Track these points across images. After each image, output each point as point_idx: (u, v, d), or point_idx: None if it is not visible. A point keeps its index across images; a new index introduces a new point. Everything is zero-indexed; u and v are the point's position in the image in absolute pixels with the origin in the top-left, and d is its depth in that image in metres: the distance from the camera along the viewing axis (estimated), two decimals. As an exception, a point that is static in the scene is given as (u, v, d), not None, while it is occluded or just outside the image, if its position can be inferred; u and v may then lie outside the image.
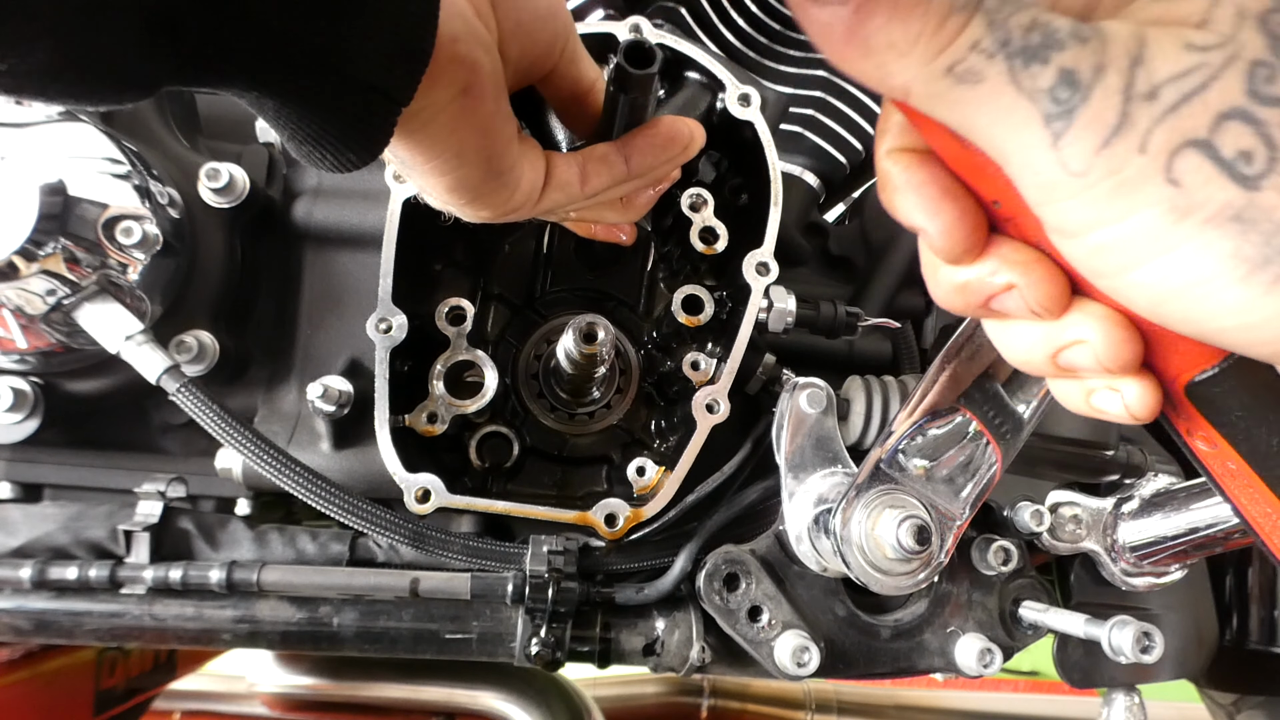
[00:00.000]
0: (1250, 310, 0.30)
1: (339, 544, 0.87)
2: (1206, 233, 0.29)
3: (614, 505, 0.83)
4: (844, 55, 0.33)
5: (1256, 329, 0.30)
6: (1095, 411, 0.39)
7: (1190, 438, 0.40)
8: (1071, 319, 0.36)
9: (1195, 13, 0.30)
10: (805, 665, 0.77)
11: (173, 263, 0.85)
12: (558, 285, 0.96)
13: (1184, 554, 0.88)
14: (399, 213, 0.81)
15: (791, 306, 0.87)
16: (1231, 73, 0.29)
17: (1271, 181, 0.28)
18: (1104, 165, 0.30)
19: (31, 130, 0.77)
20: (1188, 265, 0.30)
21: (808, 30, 0.33)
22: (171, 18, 0.38)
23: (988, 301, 0.38)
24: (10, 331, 0.79)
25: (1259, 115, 0.28)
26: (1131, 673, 0.95)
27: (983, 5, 0.30)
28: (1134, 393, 0.37)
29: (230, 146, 0.97)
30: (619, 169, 0.60)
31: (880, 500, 0.66)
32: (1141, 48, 0.30)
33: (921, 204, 0.37)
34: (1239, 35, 0.29)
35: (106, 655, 1.26)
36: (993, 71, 0.30)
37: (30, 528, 0.83)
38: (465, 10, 0.49)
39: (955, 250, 0.37)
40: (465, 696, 1.67)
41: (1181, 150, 0.29)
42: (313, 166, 0.49)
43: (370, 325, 0.80)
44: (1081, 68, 0.30)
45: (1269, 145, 0.28)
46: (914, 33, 0.31)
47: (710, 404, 0.83)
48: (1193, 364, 0.37)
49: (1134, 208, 0.30)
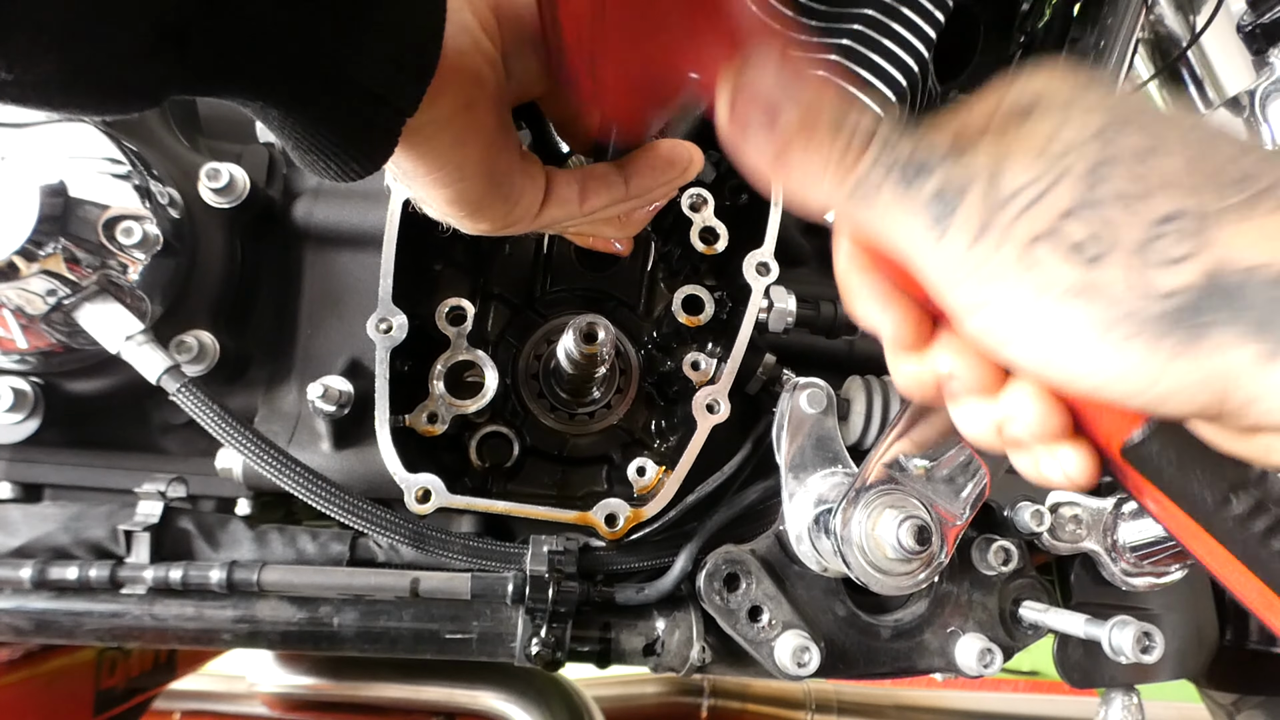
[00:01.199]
0: (1110, 366, 0.36)
1: (339, 544, 0.87)
2: (1063, 305, 0.36)
3: (614, 505, 0.83)
4: (773, 181, 0.42)
5: (1121, 381, 0.36)
6: (1044, 480, 0.44)
7: (1142, 497, 0.43)
8: (1005, 396, 0.42)
9: (1044, 134, 0.37)
10: (805, 665, 0.77)
11: (173, 263, 0.85)
12: (558, 285, 0.96)
13: (1184, 554, 0.88)
14: (399, 213, 0.81)
15: (791, 306, 0.87)
16: (1069, 178, 0.36)
17: (1110, 259, 0.35)
18: (975, 258, 0.37)
19: (31, 130, 0.77)
20: (1054, 332, 0.36)
21: (743, 160, 0.42)
22: (179, 28, 0.38)
23: (939, 387, 0.44)
24: (10, 331, 0.79)
25: (1092, 209, 0.35)
26: (1132, 673, 0.95)
27: (874, 138, 0.39)
28: (1070, 460, 0.43)
29: (230, 146, 0.97)
30: (618, 189, 0.61)
31: (880, 500, 0.66)
32: (999, 164, 0.37)
33: (873, 305, 0.44)
34: (1075, 148, 0.36)
35: (106, 655, 1.26)
36: (885, 190, 0.39)
37: (30, 528, 0.83)
38: (471, 24, 0.49)
39: (905, 342, 0.44)
40: (465, 696, 1.66)
41: (1034, 242, 0.36)
42: (317, 175, 0.49)
43: (370, 325, 0.80)
44: (951, 184, 0.38)
45: (1103, 232, 0.35)
46: (822, 162, 0.40)
47: (710, 404, 0.83)
48: (1121, 428, 0.41)
49: (1004, 289, 0.37)
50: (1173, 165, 0.35)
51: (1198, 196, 0.34)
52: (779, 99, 0.40)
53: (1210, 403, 0.35)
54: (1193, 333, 0.34)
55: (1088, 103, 0.38)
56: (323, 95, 0.44)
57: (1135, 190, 0.35)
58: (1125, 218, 0.35)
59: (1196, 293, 0.34)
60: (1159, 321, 0.34)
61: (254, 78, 0.43)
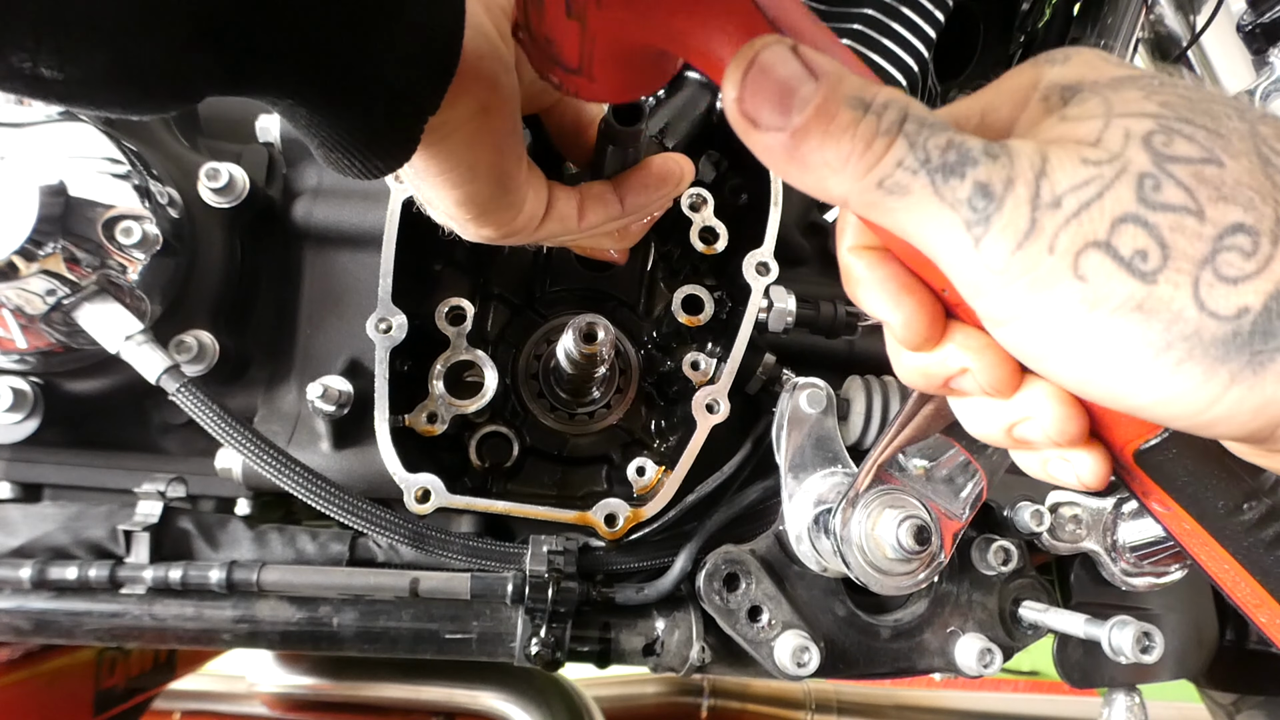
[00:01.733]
0: (1161, 389, 0.33)
1: (339, 544, 0.87)
2: (1115, 321, 0.33)
3: (614, 505, 0.83)
4: (786, 172, 0.37)
5: (1170, 404, 0.34)
6: (1051, 479, 0.43)
7: (1148, 500, 0.43)
8: (1021, 397, 0.40)
9: (1090, 133, 0.34)
10: (805, 665, 0.77)
11: (173, 263, 0.85)
12: (557, 285, 0.96)
13: (1184, 554, 0.88)
14: (399, 213, 0.81)
15: (791, 306, 0.87)
16: (1122, 183, 0.33)
17: (1166, 276, 0.32)
18: (1020, 264, 0.34)
19: (31, 130, 0.77)
20: (1103, 350, 0.34)
21: (753, 150, 0.37)
22: (216, 27, 0.40)
23: (947, 383, 0.42)
24: (10, 331, 0.79)
25: (1149, 219, 0.32)
26: (1131, 673, 0.95)
27: (904, 129, 0.34)
28: (1084, 463, 0.41)
29: (230, 146, 0.97)
30: (614, 207, 0.63)
31: (880, 500, 0.66)
32: (1044, 163, 0.34)
33: (884, 298, 0.40)
34: (1126, 152, 0.33)
35: (106, 655, 1.26)
36: (917, 185, 0.34)
37: (30, 528, 0.83)
38: (489, 30, 0.51)
39: (916, 339, 0.41)
40: (465, 696, 1.66)
41: (1086, 250, 0.33)
42: (340, 173, 0.51)
43: (370, 325, 0.80)
44: (994, 181, 0.34)
45: (1160, 244, 0.32)
46: (844, 153, 0.35)
47: (710, 404, 0.83)
48: (1137, 433, 0.40)
49: (1050, 301, 0.34)
50: (1234, 173, 0.33)
51: (1261, 209, 0.32)
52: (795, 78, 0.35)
53: (1262, 429, 0.34)
54: (1255, 359, 0.32)
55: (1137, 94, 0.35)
56: (349, 93, 0.46)
57: (1196, 200, 0.32)
58: (1186, 229, 0.32)
59: (1260, 316, 0.32)
60: (1219, 345, 0.32)
61: (284, 75, 0.44)
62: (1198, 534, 0.42)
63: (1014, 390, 0.40)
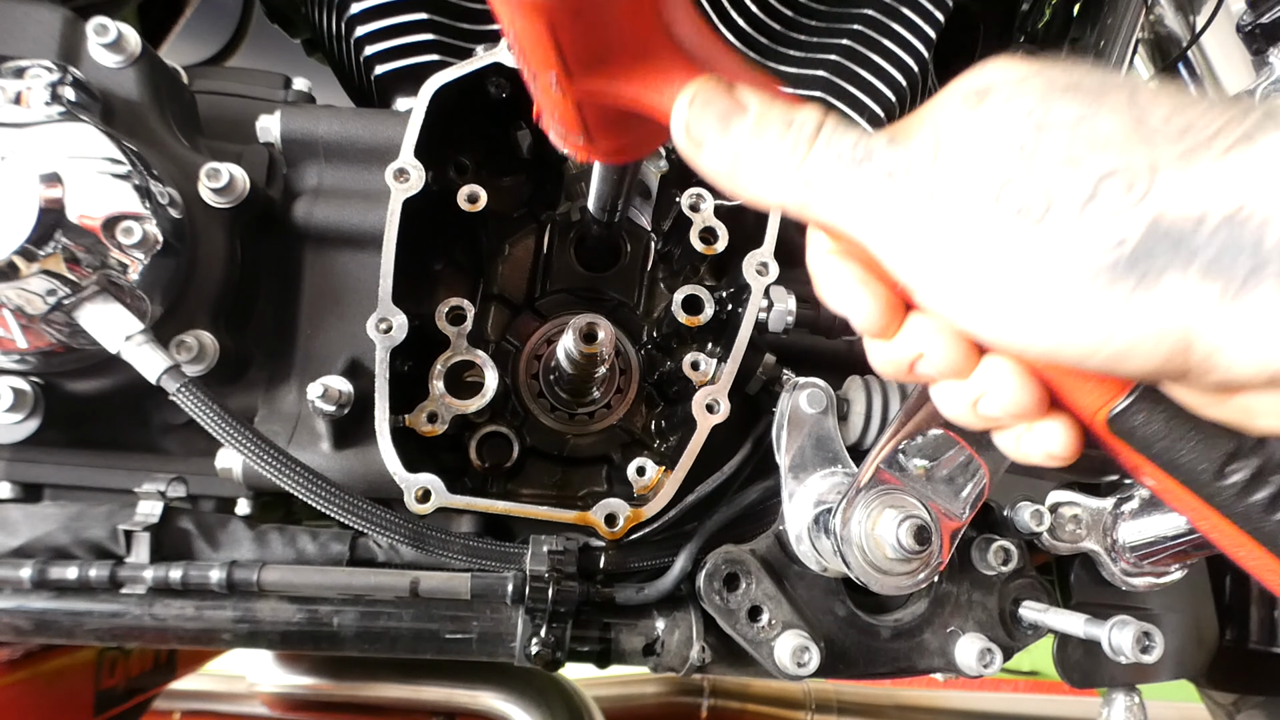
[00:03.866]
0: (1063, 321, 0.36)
1: (339, 544, 0.87)
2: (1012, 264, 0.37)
3: (614, 505, 0.83)
4: (729, 184, 0.44)
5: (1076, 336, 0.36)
6: (1024, 457, 0.45)
7: (1139, 475, 0.43)
8: (977, 374, 0.43)
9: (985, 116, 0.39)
10: (805, 665, 0.77)
11: (173, 263, 0.85)
12: (557, 285, 0.96)
13: (1184, 554, 0.88)
14: (399, 213, 0.81)
15: (791, 306, 0.87)
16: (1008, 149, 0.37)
17: (1054, 217, 0.36)
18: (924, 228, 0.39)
19: (31, 130, 0.77)
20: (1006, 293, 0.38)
21: (699, 169, 0.45)
22: None
23: (911, 368, 0.45)
24: (10, 331, 0.78)
25: (1035, 176, 0.36)
26: (1131, 673, 0.95)
27: (819, 135, 0.42)
28: (1051, 434, 0.43)
29: (230, 146, 0.97)
30: None
31: (880, 500, 0.66)
32: (941, 143, 0.39)
33: (843, 293, 0.45)
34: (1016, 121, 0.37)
35: (106, 655, 1.26)
36: (834, 177, 0.41)
37: (30, 528, 0.83)
38: None
39: (876, 327, 0.45)
40: (465, 696, 1.67)
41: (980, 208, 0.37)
42: None
43: (370, 325, 0.80)
44: (895, 166, 0.40)
45: (1046, 194, 0.36)
46: (774, 161, 0.42)
47: (710, 404, 0.83)
48: (1102, 399, 0.41)
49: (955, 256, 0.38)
50: (1112, 127, 0.36)
51: (1138, 151, 0.35)
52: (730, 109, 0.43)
53: (1172, 356, 0.35)
54: (1145, 279, 0.34)
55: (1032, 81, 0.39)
56: None
57: (1074, 153, 0.36)
58: (1067, 177, 0.36)
59: (1144, 239, 0.34)
60: (1109, 270, 0.35)
61: None
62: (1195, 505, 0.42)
63: (970, 369, 0.43)
